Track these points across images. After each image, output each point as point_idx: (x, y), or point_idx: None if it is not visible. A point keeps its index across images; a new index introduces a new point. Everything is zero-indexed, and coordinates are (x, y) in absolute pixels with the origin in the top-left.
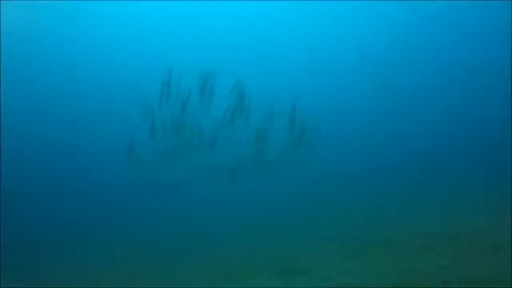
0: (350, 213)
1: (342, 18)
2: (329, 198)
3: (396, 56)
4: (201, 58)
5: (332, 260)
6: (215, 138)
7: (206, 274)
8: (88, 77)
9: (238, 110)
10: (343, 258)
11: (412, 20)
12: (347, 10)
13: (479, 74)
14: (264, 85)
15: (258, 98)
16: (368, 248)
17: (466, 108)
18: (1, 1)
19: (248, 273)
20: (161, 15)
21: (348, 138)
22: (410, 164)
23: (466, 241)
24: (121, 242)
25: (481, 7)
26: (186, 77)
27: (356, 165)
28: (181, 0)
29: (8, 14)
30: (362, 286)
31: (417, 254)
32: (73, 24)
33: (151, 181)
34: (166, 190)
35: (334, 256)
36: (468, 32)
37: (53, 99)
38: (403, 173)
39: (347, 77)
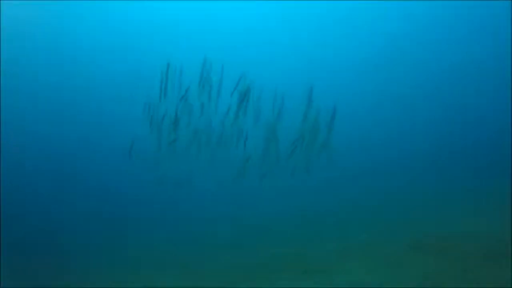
0: (353, 212)
1: (347, 18)
2: (338, 197)
3: (397, 57)
4: (205, 52)
5: (335, 260)
6: (221, 134)
7: (207, 274)
8: (88, 75)
9: (244, 105)
10: (344, 257)
11: (413, 21)
12: (354, 10)
13: (479, 74)
14: (272, 79)
15: (266, 92)
16: (367, 247)
17: (470, 108)
18: (1, 1)
19: (251, 274)
20: (164, 10)
21: (350, 138)
22: (414, 164)
23: (467, 243)
24: (122, 242)
25: (481, 7)
26: (189, 71)
27: (358, 165)
28: None
29: (8, 14)
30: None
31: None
32: (73, 22)
33: (153, 178)
34: (168, 188)
35: (339, 256)
36: (468, 32)
37: (52, 97)
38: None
39: (350, 76)
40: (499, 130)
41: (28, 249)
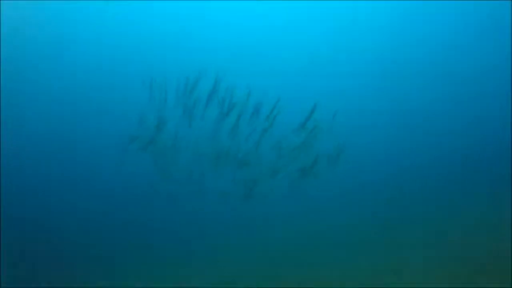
0: (354, 212)
1: (349, 25)
2: (339, 203)
3: (396, 59)
4: (203, 61)
5: (335, 260)
6: (219, 142)
7: (207, 274)
8: (88, 75)
9: (238, 113)
10: (345, 256)
11: (412, 22)
12: (355, 13)
13: (478, 76)
14: (271, 88)
15: (265, 101)
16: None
17: (470, 110)
18: (1, 1)
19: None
20: (164, 16)
21: (351, 145)
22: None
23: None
24: (122, 242)
25: (481, 7)
26: (190, 80)
27: (358, 169)
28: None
29: (8, 14)
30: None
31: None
32: (73, 23)
33: (148, 187)
34: (168, 189)
35: (338, 252)
36: (467, 32)
37: (52, 97)
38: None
39: (350, 84)
40: (500, 133)
41: (28, 249)
